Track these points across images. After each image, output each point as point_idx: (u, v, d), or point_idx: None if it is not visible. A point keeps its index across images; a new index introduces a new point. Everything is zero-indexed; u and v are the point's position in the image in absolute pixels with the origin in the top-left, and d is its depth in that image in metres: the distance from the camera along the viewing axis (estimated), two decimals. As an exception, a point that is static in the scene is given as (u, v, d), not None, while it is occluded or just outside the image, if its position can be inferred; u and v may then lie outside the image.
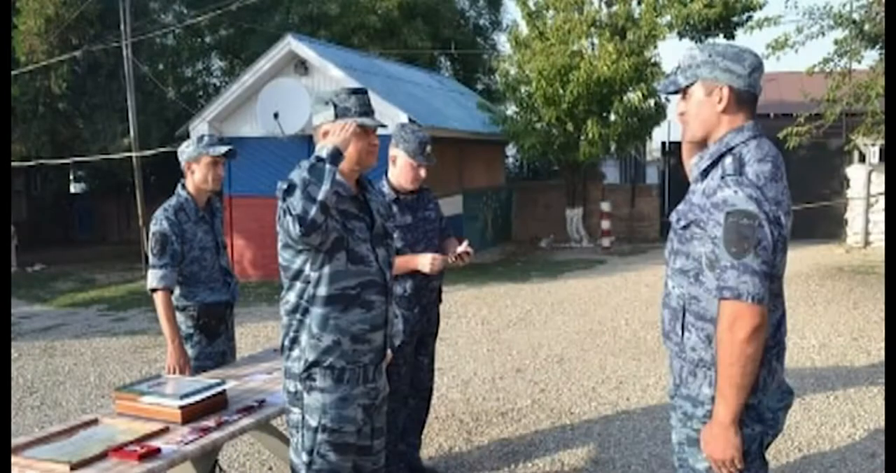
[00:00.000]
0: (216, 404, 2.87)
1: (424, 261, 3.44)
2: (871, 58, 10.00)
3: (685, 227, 2.08)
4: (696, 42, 12.96)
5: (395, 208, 3.50)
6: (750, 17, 12.58)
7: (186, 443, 2.56)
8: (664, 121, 13.66)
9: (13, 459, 2.43)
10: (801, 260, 10.70)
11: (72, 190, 20.32)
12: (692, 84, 2.11)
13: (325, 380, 2.45)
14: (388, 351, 2.70)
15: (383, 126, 2.53)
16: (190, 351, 3.56)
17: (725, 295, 1.92)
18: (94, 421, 2.80)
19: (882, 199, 11.58)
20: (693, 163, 2.16)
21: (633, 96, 12.17)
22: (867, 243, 12.35)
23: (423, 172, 3.55)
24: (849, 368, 5.70)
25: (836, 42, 9.62)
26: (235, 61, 17.66)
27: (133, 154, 12.40)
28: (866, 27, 9.28)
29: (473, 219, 13.19)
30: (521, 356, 6.34)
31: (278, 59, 10.69)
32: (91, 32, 13.40)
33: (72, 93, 13.35)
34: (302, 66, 10.77)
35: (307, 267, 2.43)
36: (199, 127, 10.90)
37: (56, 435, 2.66)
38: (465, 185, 12.87)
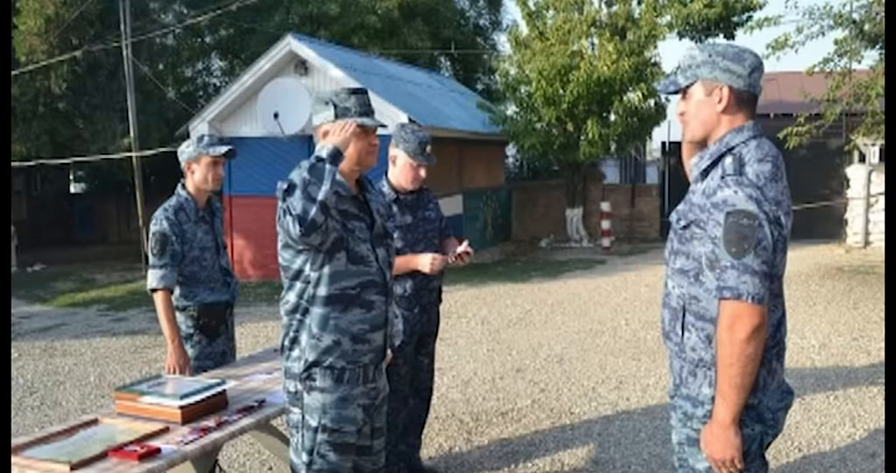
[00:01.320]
0: (216, 404, 2.87)
1: (424, 261, 3.45)
2: (871, 58, 10.05)
3: (685, 227, 2.08)
4: (696, 42, 12.97)
5: (395, 208, 3.50)
6: (750, 17, 12.60)
7: (186, 443, 2.56)
8: (664, 121, 13.68)
9: (13, 459, 2.43)
10: (801, 260, 10.70)
11: (72, 190, 20.33)
12: (692, 84, 2.11)
13: (325, 380, 2.45)
14: (388, 351, 2.70)
15: (383, 126, 2.53)
16: (190, 351, 3.56)
17: (725, 295, 1.92)
18: (94, 421, 2.80)
19: (882, 199, 11.58)
20: (693, 163, 2.16)
21: (633, 96, 12.17)
22: (867, 243, 12.35)
23: (423, 172, 3.55)
24: (849, 368, 5.69)
25: (836, 42, 9.62)
26: (235, 61, 17.67)
27: (133, 154, 12.41)
28: (866, 27, 9.28)
29: (473, 219, 13.19)
30: (521, 356, 6.34)
31: (278, 59, 10.70)
32: (91, 32, 13.39)
33: (72, 94, 13.34)
34: (302, 66, 10.77)
35: (307, 268, 2.43)
36: (199, 127, 10.91)
37: (56, 435, 2.66)
38: (465, 185, 12.87)
